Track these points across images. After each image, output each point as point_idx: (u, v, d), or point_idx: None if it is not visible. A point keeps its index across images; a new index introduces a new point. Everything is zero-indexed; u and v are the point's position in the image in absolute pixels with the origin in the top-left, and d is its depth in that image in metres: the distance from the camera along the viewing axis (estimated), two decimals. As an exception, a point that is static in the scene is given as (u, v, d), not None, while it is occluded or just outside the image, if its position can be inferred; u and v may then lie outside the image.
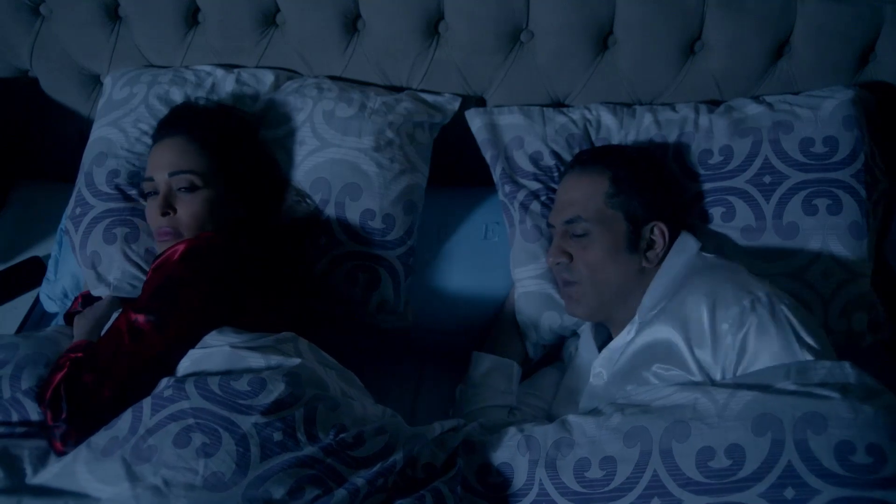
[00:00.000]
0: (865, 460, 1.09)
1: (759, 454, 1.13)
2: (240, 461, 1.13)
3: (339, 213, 1.57)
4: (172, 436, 1.15)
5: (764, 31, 1.64)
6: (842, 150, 1.54)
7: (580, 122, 1.70)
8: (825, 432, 1.12)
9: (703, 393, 1.22)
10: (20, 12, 1.77)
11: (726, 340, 1.28)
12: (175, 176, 1.46)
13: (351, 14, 1.70)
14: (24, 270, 1.81)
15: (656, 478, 1.18)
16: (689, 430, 1.19)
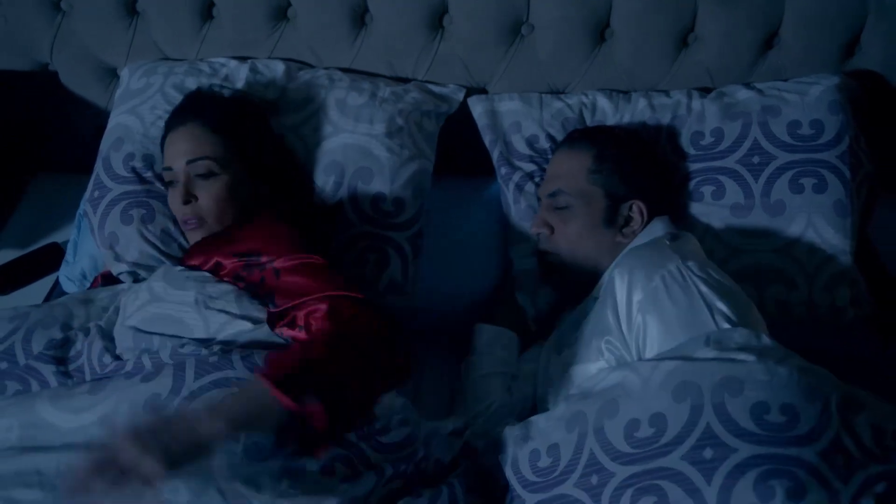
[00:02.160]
0: (780, 419, 1.15)
1: (680, 420, 1.18)
2: (281, 432, 1.16)
3: (351, 196, 1.64)
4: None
5: (754, 24, 1.71)
6: (827, 132, 1.61)
7: (576, 106, 1.77)
8: (741, 395, 1.17)
9: (631, 370, 1.29)
10: (42, 7, 1.84)
11: (638, 315, 1.34)
12: (193, 163, 1.49)
13: (359, 8, 1.78)
14: (43, 255, 1.88)
15: (592, 456, 1.24)
16: (617, 407, 1.25)
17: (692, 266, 1.36)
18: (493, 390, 1.58)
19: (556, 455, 1.28)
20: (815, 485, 1.09)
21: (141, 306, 1.41)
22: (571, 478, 1.25)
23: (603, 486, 1.20)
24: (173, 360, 1.28)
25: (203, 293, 1.38)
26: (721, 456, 1.13)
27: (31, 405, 1.27)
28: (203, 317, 1.35)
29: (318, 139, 1.68)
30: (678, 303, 1.32)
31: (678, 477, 1.14)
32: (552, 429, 1.32)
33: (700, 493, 1.11)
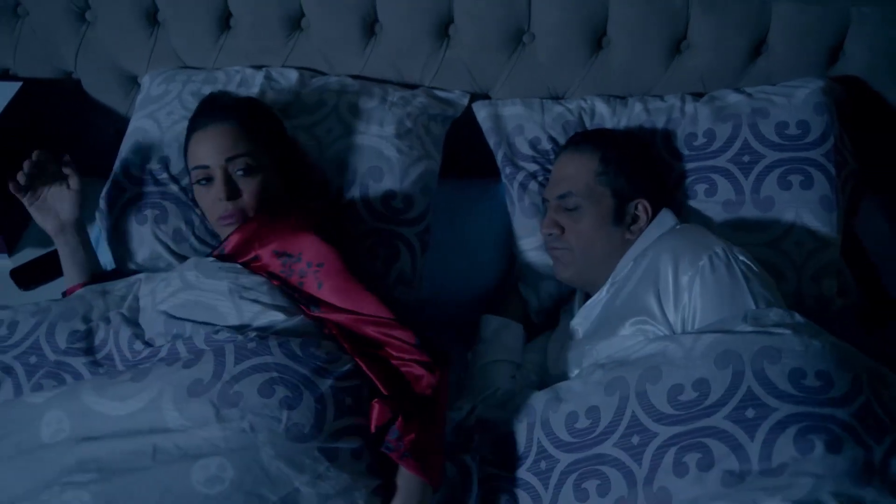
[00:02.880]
0: (815, 383, 1.23)
1: (722, 384, 1.27)
2: (317, 417, 1.26)
3: (362, 194, 1.72)
4: (258, 385, 1.26)
5: (743, 32, 1.81)
6: (813, 132, 1.70)
7: (576, 111, 1.87)
8: (779, 362, 1.26)
9: (672, 340, 1.37)
10: (67, 18, 1.94)
11: (685, 294, 1.43)
12: (232, 160, 1.54)
13: (369, 18, 1.88)
14: (65, 253, 1.95)
15: (635, 418, 1.32)
16: (660, 373, 1.33)
17: (735, 249, 1.46)
18: (499, 377, 1.66)
19: (596, 417, 1.36)
20: (851, 440, 1.17)
21: (173, 293, 1.48)
22: (611, 438, 1.32)
23: (645, 445, 1.28)
24: (209, 345, 1.35)
25: (237, 283, 1.44)
26: (762, 415, 1.21)
27: (77, 395, 1.33)
28: (236, 306, 1.42)
29: (330, 140, 1.77)
30: (724, 282, 1.41)
31: (722, 434, 1.22)
32: (590, 392, 1.39)
33: (743, 449, 1.20)
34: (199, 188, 1.58)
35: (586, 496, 1.31)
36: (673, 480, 1.24)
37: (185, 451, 1.23)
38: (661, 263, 1.48)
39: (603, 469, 1.31)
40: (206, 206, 1.59)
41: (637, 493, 1.26)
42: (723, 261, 1.43)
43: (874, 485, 1.15)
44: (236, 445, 1.23)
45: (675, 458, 1.24)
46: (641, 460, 1.28)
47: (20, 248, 1.99)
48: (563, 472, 1.35)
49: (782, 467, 1.18)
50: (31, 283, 1.90)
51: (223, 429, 1.24)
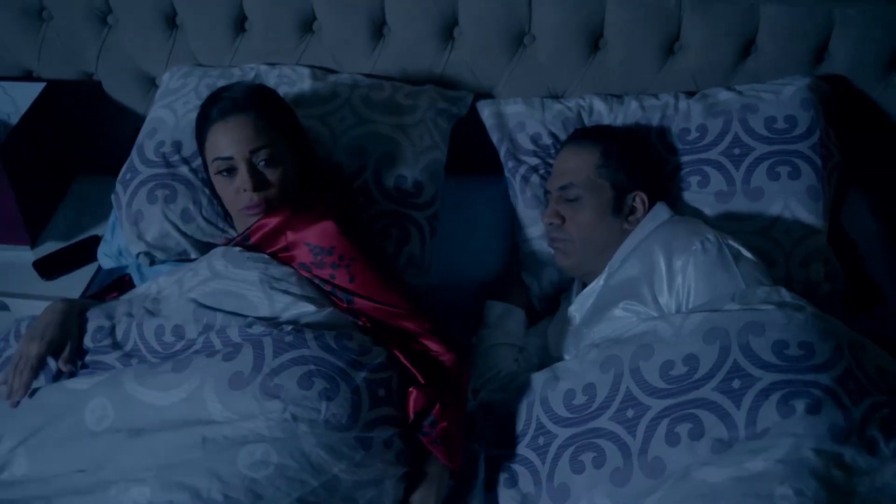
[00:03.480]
0: (797, 353, 1.32)
1: (710, 359, 1.35)
2: (353, 408, 1.33)
3: (375, 178, 1.80)
4: (297, 378, 1.33)
5: (733, 33, 1.90)
6: (800, 126, 1.79)
7: (574, 108, 1.96)
8: (763, 335, 1.34)
9: (662, 320, 1.46)
10: (90, 21, 2.04)
11: (679, 276, 1.51)
12: (257, 151, 1.56)
13: (378, 21, 1.97)
14: (85, 246, 2.03)
15: (629, 393, 1.40)
16: (652, 350, 1.41)
17: (725, 235, 1.55)
18: (502, 359, 1.73)
19: (592, 393, 1.43)
20: (831, 402, 1.25)
21: (202, 282, 1.53)
22: (607, 412, 1.40)
23: (639, 418, 1.36)
24: (245, 339, 1.40)
25: (266, 274, 1.50)
26: (747, 385, 1.29)
27: (119, 384, 1.40)
28: (267, 295, 1.48)
29: (344, 128, 1.85)
30: (715, 265, 1.50)
31: (711, 405, 1.30)
32: (586, 370, 1.47)
33: (731, 417, 1.28)
34: (220, 179, 1.60)
35: (582, 468, 1.38)
36: (666, 450, 1.31)
37: (232, 440, 1.31)
38: (654, 252, 1.56)
39: (598, 442, 1.39)
40: (227, 197, 1.62)
41: (632, 463, 1.33)
42: (714, 245, 1.52)
43: (852, 442, 1.24)
44: (280, 434, 1.30)
45: (667, 429, 1.32)
46: (636, 432, 1.35)
47: (42, 241, 2.06)
48: (561, 447, 1.43)
49: (766, 431, 1.26)
50: (53, 274, 1.97)
51: (266, 419, 1.31)
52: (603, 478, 1.36)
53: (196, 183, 1.80)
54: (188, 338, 1.45)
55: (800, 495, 1.17)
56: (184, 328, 1.46)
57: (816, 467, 1.21)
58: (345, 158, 1.82)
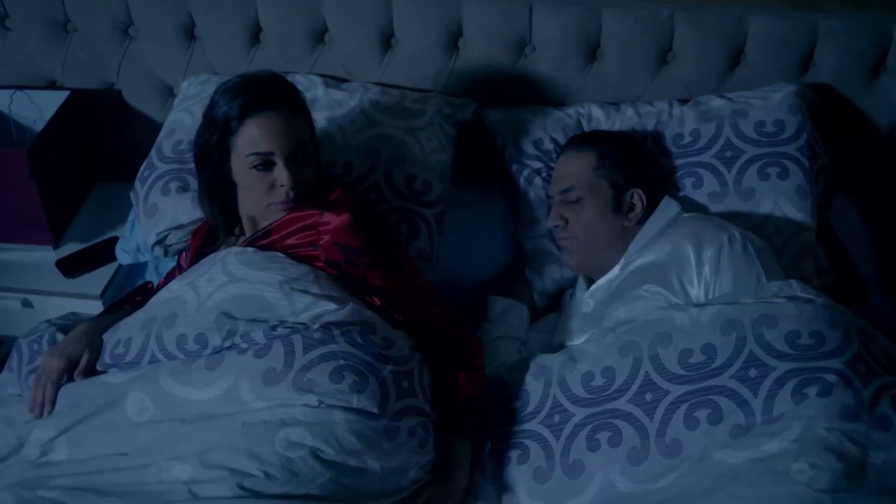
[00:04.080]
0: (809, 342, 1.40)
1: (727, 348, 1.44)
2: (382, 399, 1.40)
3: (386, 176, 1.89)
4: (328, 372, 1.39)
5: (723, 43, 2.00)
6: (788, 129, 1.88)
7: (574, 115, 2.06)
8: (777, 327, 1.43)
9: (679, 309, 1.55)
10: (112, 33, 2.13)
11: (706, 267, 1.60)
12: (297, 148, 1.58)
13: (387, 33, 2.08)
14: (105, 246, 2.12)
15: (647, 377, 1.47)
16: (671, 338, 1.49)
17: (747, 233, 1.65)
18: (505, 352, 1.81)
19: (611, 376, 1.51)
20: (841, 385, 1.33)
21: (219, 287, 1.53)
22: (626, 395, 1.47)
23: (658, 401, 1.43)
24: (270, 338, 1.44)
25: (285, 274, 1.53)
26: (764, 374, 1.38)
27: (155, 379, 1.45)
28: (287, 296, 1.50)
29: (355, 130, 1.94)
30: (740, 259, 1.60)
31: (729, 392, 1.39)
32: (604, 353, 1.55)
33: (748, 404, 1.36)
34: (253, 173, 1.57)
35: (598, 446, 1.46)
36: (684, 432, 1.39)
37: (269, 423, 1.37)
38: (682, 242, 1.65)
39: (616, 422, 1.46)
40: (259, 190, 1.59)
41: (649, 444, 1.41)
42: (739, 241, 1.62)
43: (863, 420, 1.31)
44: (315, 420, 1.36)
45: (685, 413, 1.40)
46: (654, 415, 1.43)
47: (64, 241, 2.16)
48: (577, 425, 1.50)
49: (780, 416, 1.34)
50: (75, 272, 2.06)
51: (302, 407, 1.37)
52: (619, 456, 1.43)
53: None
54: (213, 345, 1.47)
55: (814, 468, 1.25)
56: (207, 336, 1.47)
57: (830, 442, 1.28)
58: (357, 158, 1.91)
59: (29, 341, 1.66)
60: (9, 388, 1.63)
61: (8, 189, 2.00)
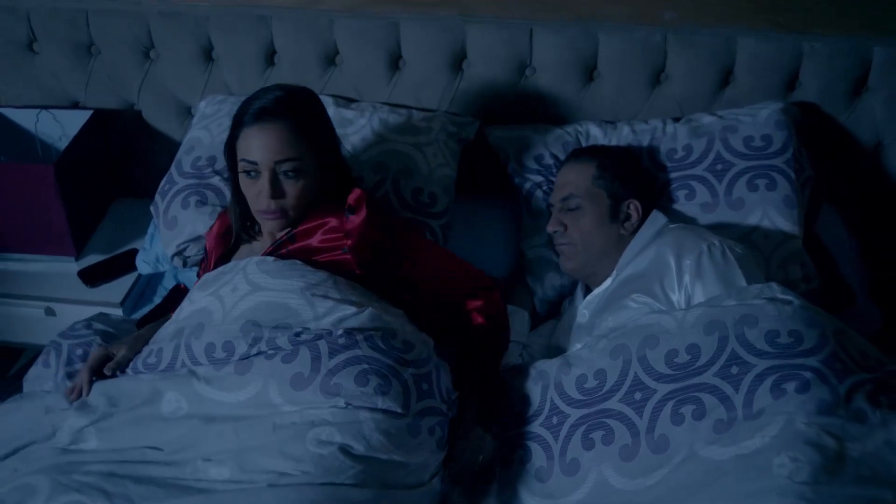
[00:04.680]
0: (788, 341, 1.47)
1: (710, 348, 1.50)
2: (405, 400, 1.48)
3: (394, 188, 2.00)
4: (353, 376, 1.46)
5: (713, 64, 2.12)
6: (775, 143, 1.99)
7: (573, 133, 2.17)
8: (757, 326, 1.50)
9: (666, 314, 1.62)
10: (134, 56, 2.26)
11: (687, 275, 1.69)
12: (281, 163, 1.63)
13: (395, 55, 2.20)
14: (125, 258, 2.21)
15: (636, 378, 1.54)
16: (658, 340, 1.57)
17: (727, 241, 1.74)
18: (508, 354, 1.89)
19: (603, 378, 1.58)
20: (818, 381, 1.39)
21: (243, 297, 1.59)
22: (616, 395, 1.54)
23: (646, 400, 1.50)
24: (296, 344, 1.50)
25: (305, 281, 1.59)
26: (744, 371, 1.44)
27: (189, 383, 1.52)
28: (309, 302, 1.56)
29: (365, 146, 2.06)
30: (720, 265, 1.68)
31: (712, 389, 1.45)
32: (597, 357, 1.62)
33: (730, 400, 1.42)
34: (244, 177, 1.67)
35: (592, 445, 1.52)
36: (671, 428, 1.45)
37: (300, 425, 1.43)
38: (665, 253, 1.74)
39: (608, 421, 1.52)
40: (249, 196, 1.69)
41: (640, 440, 1.47)
42: (719, 249, 1.70)
43: (839, 414, 1.37)
44: (343, 420, 1.43)
45: (672, 410, 1.46)
46: (643, 413, 1.49)
47: (85, 253, 2.25)
48: (573, 426, 1.57)
49: (761, 412, 1.40)
50: (96, 282, 2.15)
51: (330, 408, 1.44)
52: (612, 453, 1.49)
53: (225, 190, 1.99)
54: (239, 352, 1.52)
55: (795, 461, 1.31)
56: (233, 344, 1.53)
57: (809, 436, 1.34)
58: (367, 172, 2.02)
59: (71, 344, 1.76)
60: (45, 384, 1.73)
61: (34, 202, 2.10)
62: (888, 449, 1.34)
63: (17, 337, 2.21)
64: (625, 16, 2.15)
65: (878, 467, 1.32)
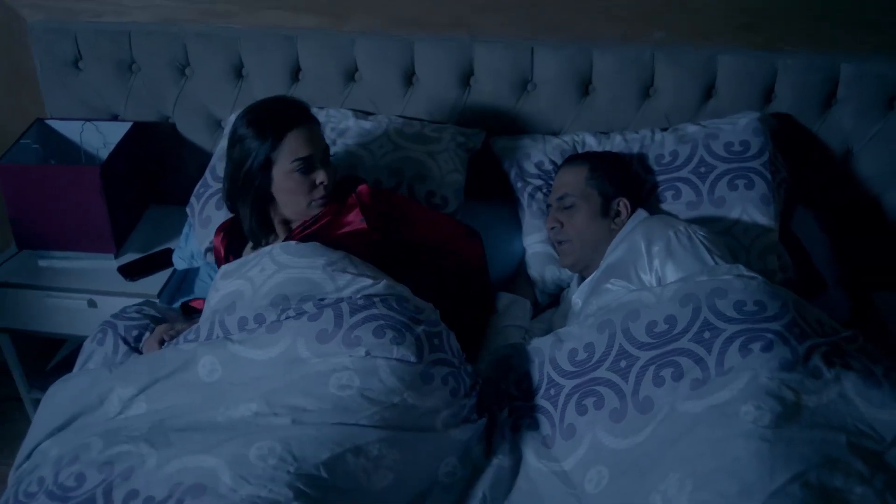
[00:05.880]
0: (753, 309, 1.65)
1: (686, 317, 1.68)
2: (418, 350, 1.66)
3: (409, 192, 2.21)
4: (372, 329, 1.66)
5: (696, 79, 2.33)
6: (752, 148, 2.20)
7: (570, 142, 2.38)
8: (726, 297, 1.68)
9: (645, 290, 1.80)
10: (171, 73, 2.48)
11: (656, 260, 1.89)
12: (325, 150, 1.96)
13: (409, 72, 2.42)
14: (161, 255, 2.42)
15: (621, 348, 1.72)
16: (639, 314, 1.74)
17: (692, 226, 1.94)
18: (511, 337, 2.08)
19: (591, 350, 1.75)
20: (780, 342, 1.57)
21: (271, 275, 1.79)
22: (604, 364, 1.71)
23: (630, 367, 1.66)
24: (320, 307, 1.70)
25: (326, 258, 1.80)
26: (715, 335, 1.62)
27: (224, 346, 1.70)
28: (330, 276, 1.77)
29: (382, 153, 2.27)
30: (686, 248, 1.87)
31: (688, 353, 1.62)
32: (585, 333, 1.80)
33: (704, 361, 1.59)
34: (298, 176, 1.90)
35: (585, 410, 1.69)
36: (654, 390, 1.61)
37: (323, 372, 1.62)
38: (637, 241, 1.94)
39: (598, 389, 1.69)
40: (302, 191, 1.92)
41: (627, 403, 1.64)
42: (684, 234, 1.90)
43: (798, 371, 1.55)
44: (362, 367, 1.62)
45: (654, 374, 1.62)
46: (628, 378, 1.66)
47: (123, 252, 2.45)
48: (567, 395, 1.74)
49: (731, 369, 1.58)
50: (135, 276, 2.35)
51: (350, 357, 1.63)
52: (603, 417, 1.64)
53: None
54: (269, 321, 1.71)
55: (759, 409, 1.48)
56: (264, 315, 1.72)
57: (771, 389, 1.51)
58: (384, 176, 2.24)
59: (127, 325, 1.96)
60: (96, 359, 1.92)
61: (80, 202, 2.30)
62: (840, 401, 1.52)
63: (61, 328, 2.40)
64: (617, 36, 2.37)
65: (830, 416, 1.50)
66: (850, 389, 1.54)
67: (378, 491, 1.53)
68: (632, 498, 1.51)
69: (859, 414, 1.51)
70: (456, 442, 1.67)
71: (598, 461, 1.61)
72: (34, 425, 1.79)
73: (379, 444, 1.55)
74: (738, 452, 1.44)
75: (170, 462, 1.54)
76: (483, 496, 1.61)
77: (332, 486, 1.48)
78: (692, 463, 1.47)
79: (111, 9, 2.48)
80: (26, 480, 1.65)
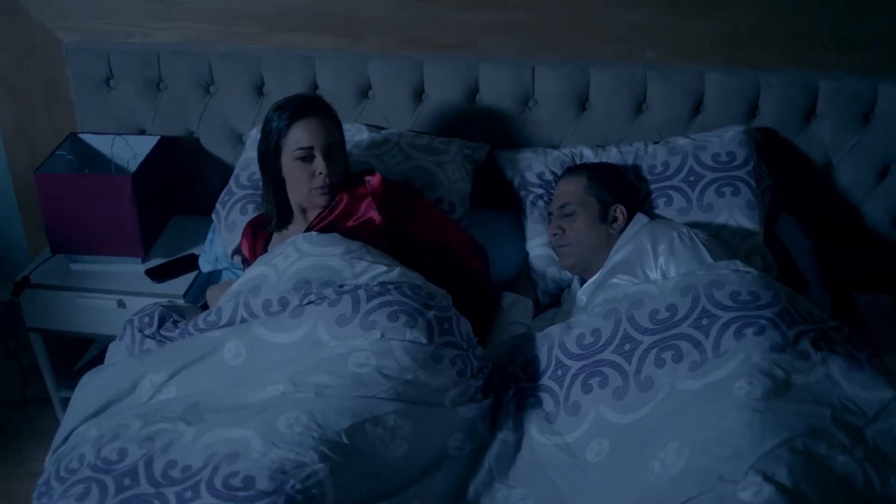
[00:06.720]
0: (747, 298, 1.81)
1: (686, 306, 1.83)
2: (429, 332, 1.81)
3: None
4: (386, 314, 1.81)
5: (686, 96, 2.50)
6: (738, 158, 2.37)
7: (569, 154, 2.55)
8: (723, 288, 1.84)
9: (649, 283, 1.96)
10: (196, 90, 2.65)
11: (661, 258, 2.05)
12: (329, 145, 2.09)
13: (419, 89, 2.59)
14: (185, 260, 2.57)
15: (626, 333, 1.86)
16: (643, 302, 1.90)
17: (693, 229, 2.10)
18: (515, 332, 2.24)
19: (598, 335, 1.89)
20: (772, 327, 1.72)
21: (293, 262, 1.94)
22: (609, 348, 1.84)
23: (634, 350, 1.80)
24: (339, 294, 1.84)
25: (345, 247, 1.95)
26: (713, 321, 1.76)
27: (249, 329, 1.85)
28: (349, 263, 1.92)
29: (394, 163, 2.44)
30: (688, 247, 2.03)
31: (687, 337, 1.76)
32: (593, 320, 1.94)
33: (702, 345, 1.74)
34: (298, 164, 2.08)
35: (590, 389, 1.81)
36: (655, 371, 1.74)
37: (342, 354, 1.76)
38: (643, 242, 2.10)
39: (603, 369, 1.82)
40: (303, 179, 2.10)
41: (629, 383, 1.77)
42: (686, 235, 2.07)
43: (787, 353, 1.70)
44: (377, 348, 1.76)
45: (655, 356, 1.76)
46: (632, 360, 1.79)
47: (150, 256, 2.61)
48: (574, 375, 1.87)
49: (726, 352, 1.72)
50: (163, 278, 2.51)
51: (367, 339, 1.79)
52: (606, 395, 1.77)
53: None
54: (292, 304, 1.85)
55: (751, 384, 1.62)
56: (287, 298, 1.86)
57: (762, 367, 1.65)
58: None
59: (139, 317, 2.09)
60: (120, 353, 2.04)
61: (111, 208, 2.45)
62: (826, 380, 1.67)
63: (91, 328, 2.55)
64: (613, 55, 2.55)
65: (816, 393, 1.64)
66: (836, 371, 1.68)
67: (394, 459, 1.67)
68: (631, 466, 1.64)
69: (843, 392, 1.65)
70: (463, 419, 1.80)
71: (600, 434, 1.74)
72: (69, 412, 1.92)
73: (395, 416, 1.69)
74: (731, 422, 1.57)
75: (204, 435, 1.67)
76: (489, 467, 1.75)
77: (352, 450, 1.62)
78: (689, 433, 1.60)
79: (141, 30, 2.66)
80: (66, 458, 1.76)
